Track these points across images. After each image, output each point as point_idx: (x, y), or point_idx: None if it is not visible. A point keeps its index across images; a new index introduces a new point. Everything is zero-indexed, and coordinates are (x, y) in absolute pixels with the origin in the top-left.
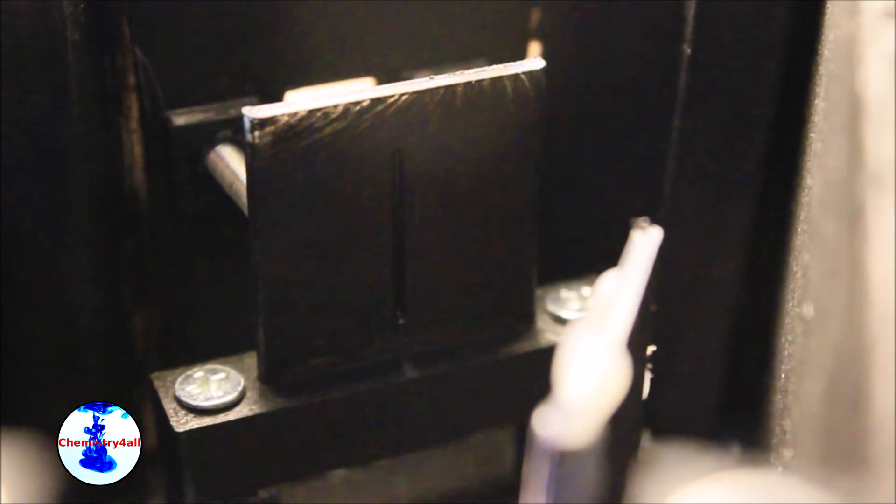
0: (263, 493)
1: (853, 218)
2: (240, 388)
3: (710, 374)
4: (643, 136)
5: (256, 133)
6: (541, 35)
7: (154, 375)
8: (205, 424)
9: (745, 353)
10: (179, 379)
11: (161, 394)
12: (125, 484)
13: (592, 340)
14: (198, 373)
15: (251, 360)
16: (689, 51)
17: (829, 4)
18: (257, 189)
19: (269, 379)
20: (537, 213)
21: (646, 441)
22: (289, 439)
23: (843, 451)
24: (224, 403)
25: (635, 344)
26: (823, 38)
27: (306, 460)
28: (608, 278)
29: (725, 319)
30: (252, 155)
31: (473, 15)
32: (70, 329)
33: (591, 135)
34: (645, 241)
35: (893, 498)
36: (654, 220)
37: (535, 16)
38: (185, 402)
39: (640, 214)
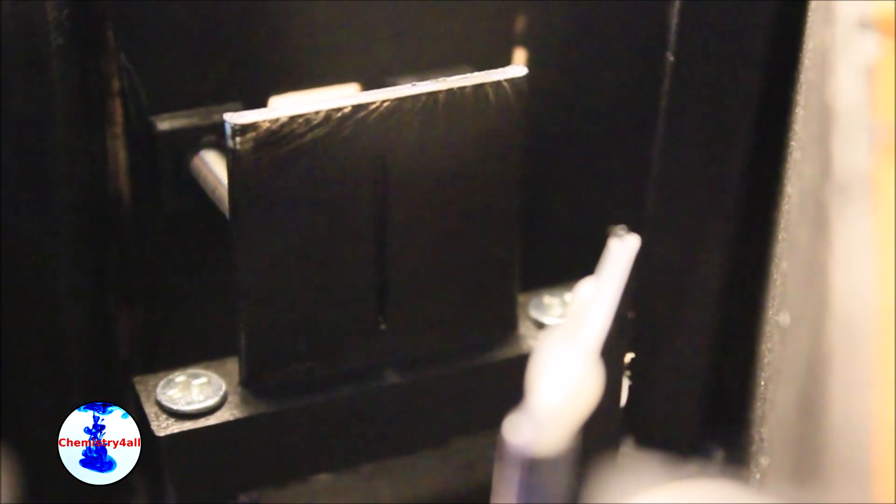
0: (244, 498)
1: (823, 226)
2: (221, 393)
3: (694, 381)
4: (627, 143)
5: (238, 139)
6: (525, 42)
7: (136, 379)
8: (185, 429)
9: (728, 361)
10: (161, 383)
11: (142, 398)
12: (108, 485)
13: (566, 347)
14: (179, 377)
15: (233, 364)
16: (672, 58)
17: (810, 13)
18: (239, 194)
19: (251, 383)
20: (519, 220)
21: (628, 448)
22: (270, 444)
23: (812, 461)
24: (205, 408)
25: (612, 351)
26: (804, 46)
27: (287, 465)
28: (585, 285)
29: (709, 327)
30: (233, 160)
31: (459, 21)
32: (55, 333)
33: (574, 141)
34: (622, 249)
35: None
36: (638, 228)
37: (520, 23)
38: (167, 406)
39: (624, 221)
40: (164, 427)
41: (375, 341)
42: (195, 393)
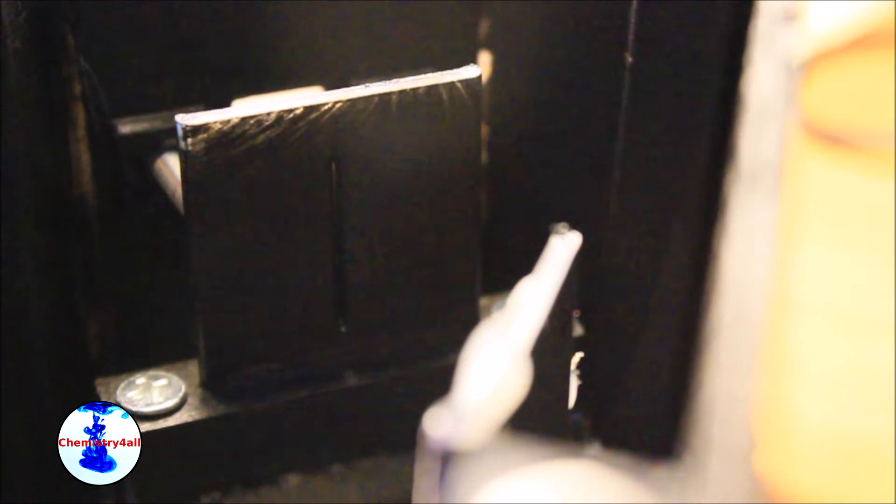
0: (206, 499)
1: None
2: (181, 394)
3: (661, 384)
4: (590, 144)
5: (189, 140)
6: (490, 44)
7: (97, 381)
8: (144, 430)
9: (694, 363)
10: (122, 385)
11: (103, 399)
12: (78, 488)
13: (495, 343)
14: (140, 379)
15: (195, 366)
16: (630, 59)
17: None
18: (192, 196)
19: (211, 385)
20: (478, 221)
21: (596, 451)
22: (229, 445)
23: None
24: (164, 409)
25: (554, 350)
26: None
27: (248, 467)
28: (525, 284)
29: (676, 328)
30: (186, 161)
31: (423, 24)
32: (21, 338)
33: (537, 143)
34: (562, 247)
35: (703, 486)
36: (601, 229)
37: (485, 25)
38: (126, 408)
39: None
40: None
41: (335, 343)
42: (155, 395)
